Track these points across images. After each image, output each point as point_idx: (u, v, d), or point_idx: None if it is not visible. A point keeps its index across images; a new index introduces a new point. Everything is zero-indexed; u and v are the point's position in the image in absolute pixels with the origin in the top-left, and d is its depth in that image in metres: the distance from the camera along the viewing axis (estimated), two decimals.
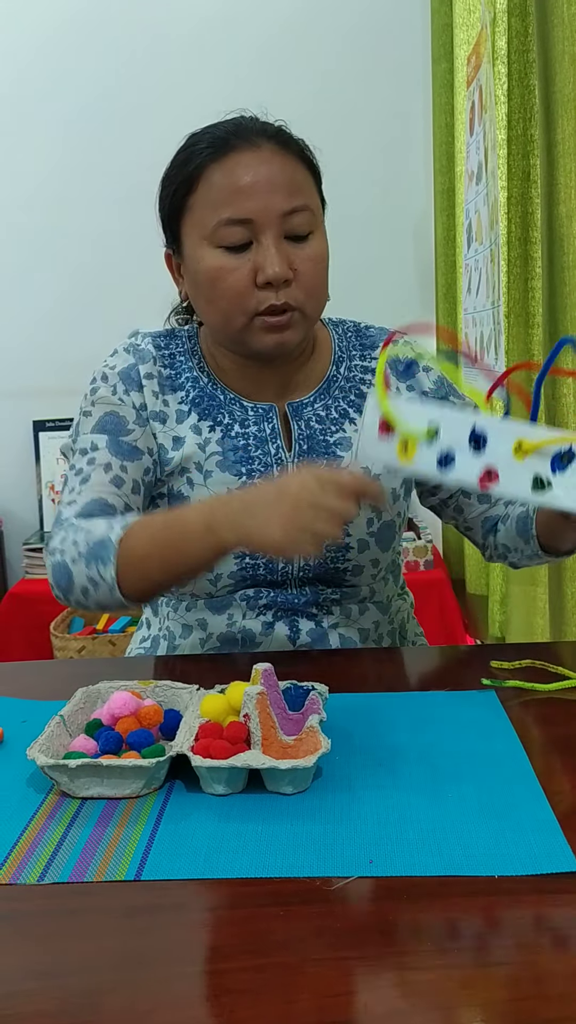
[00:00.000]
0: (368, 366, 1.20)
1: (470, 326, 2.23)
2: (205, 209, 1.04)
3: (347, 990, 0.54)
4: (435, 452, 0.84)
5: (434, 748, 0.83)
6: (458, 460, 0.84)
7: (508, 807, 0.72)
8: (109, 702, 0.86)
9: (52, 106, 2.67)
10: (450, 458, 0.84)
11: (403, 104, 2.72)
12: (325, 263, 1.08)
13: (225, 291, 1.04)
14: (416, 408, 0.86)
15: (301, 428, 1.14)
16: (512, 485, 0.82)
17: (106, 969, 0.56)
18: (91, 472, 1.10)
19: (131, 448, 1.12)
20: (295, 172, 1.06)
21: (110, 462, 1.10)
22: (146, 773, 0.76)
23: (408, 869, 0.65)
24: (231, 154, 1.04)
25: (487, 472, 0.83)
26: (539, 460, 0.81)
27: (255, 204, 1.02)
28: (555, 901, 0.61)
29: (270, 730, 0.79)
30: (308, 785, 0.77)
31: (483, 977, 0.54)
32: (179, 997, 0.54)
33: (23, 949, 0.59)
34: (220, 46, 2.64)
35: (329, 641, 1.14)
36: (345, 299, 2.67)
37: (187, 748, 0.78)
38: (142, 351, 1.15)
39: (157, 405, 1.13)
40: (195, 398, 1.14)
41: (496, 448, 0.83)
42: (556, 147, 1.53)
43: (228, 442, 1.13)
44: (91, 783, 0.77)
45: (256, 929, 0.59)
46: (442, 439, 0.84)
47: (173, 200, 1.08)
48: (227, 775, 0.76)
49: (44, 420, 2.75)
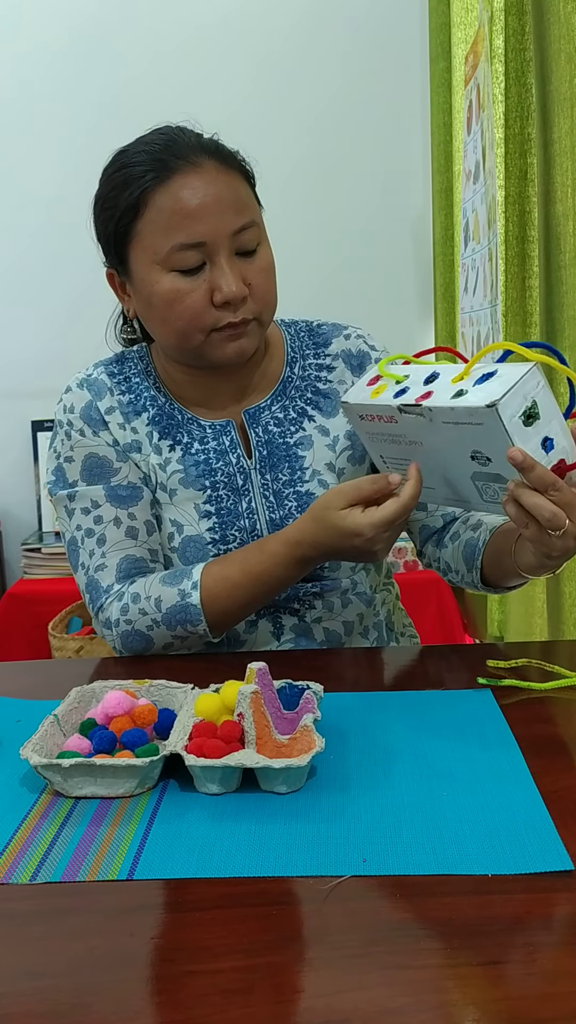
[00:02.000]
0: (322, 363, 1.21)
1: (468, 325, 2.23)
2: (155, 235, 1.04)
3: (340, 989, 0.53)
4: (394, 389, 0.95)
5: (429, 747, 0.83)
6: (409, 391, 0.93)
7: (503, 806, 0.72)
8: (103, 702, 0.86)
9: (58, 111, 2.67)
10: (403, 391, 0.94)
11: (401, 103, 2.72)
12: (273, 271, 1.10)
13: (183, 312, 1.04)
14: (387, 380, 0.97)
15: (259, 435, 1.16)
16: (439, 400, 0.88)
17: (98, 969, 0.56)
18: (104, 532, 1.12)
19: (128, 490, 1.13)
20: (239, 188, 1.06)
21: (117, 516, 1.13)
22: (140, 772, 0.76)
23: (402, 868, 0.64)
24: (175, 176, 1.03)
25: (425, 395, 0.90)
26: (468, 381, 0.88)
27: (206, 227, 1.02)
28: (549, 900, 0.61)
29: (264, 729, 0.79)
30: (302, 784, 0.76)
31: (477, 976, 0.54)
32: (171, 997, 0.53)
33: (15, 949, 0.59)
34: (219, 51, 2.64)
35: (314, 635, 1.15)
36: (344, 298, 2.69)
37: (181, 747, 0.77)
38: (96, 384, 1.16)
39: (127, 436, 1.15)
40: (155, 417, 1.16)
41: (442, 380, 0.91)
42: (553, 146, 1.53)
43: (189, 459, 1.14)
44: (84, 782, 0.76)
45: (249, 928, 0.59)
46: (406, 383, 0.95)
47: (118, 225, 1.07)
48: (221, 774, 0.75)
49: (43, 420, 2.75)
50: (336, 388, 1.19)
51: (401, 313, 2.78)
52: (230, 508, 1.13)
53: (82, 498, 1.13)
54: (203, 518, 1.13)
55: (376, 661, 1.09)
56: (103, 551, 1.12)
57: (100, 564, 1.12)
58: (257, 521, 1.14)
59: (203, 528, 1.13)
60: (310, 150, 2.65)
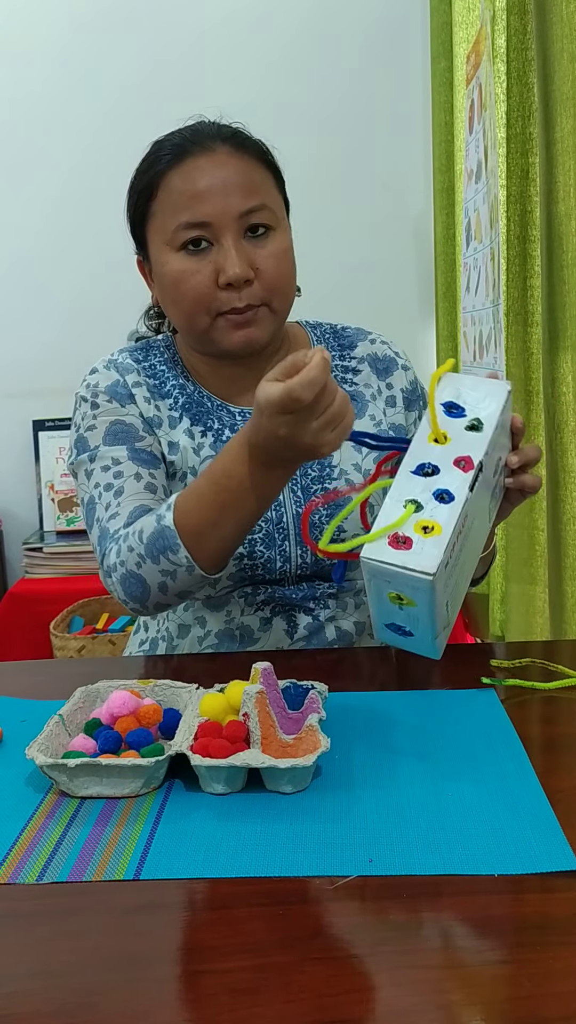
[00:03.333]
0: (347, 366, 1.21)
1: (469, 325, 2.23)
2: (166, 215, 1.06)
3: (347, 989, 0.53)
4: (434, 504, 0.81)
5: (433, 747, 0.83)
6: (443, 484, 0.81)
7: (508, 806, 0.72)
8: (108, 701, 0.86)
9: (61, 112, 2.67)
10: (442, 493, 0.81)
11: (402, 102, 2.72)
12: (288, 259, 1.09)
13: (187, 293, 1.05)
14: (380, 520, 0.81)
15: None
16: (467, 447, 0.84)
17: (104, 969, 0.56)
18: (123, 484, 1.08)
19: (150, 456, 1.12)
20: (251, 172, 1.07)
21: (138, 472, 1.10)
22: (145, 772, 0.76)
23: (408, 868, 0.64)
24: (188, 159, 1.06)
25: (457, 463, 0.83)
26: (454, 428, 0.85)
27: (212, 207, 1.03)
28: (555, 900, 0.61)
29: (269, 729, 0.79)
30: (307, 784, 0.76)
31: (483, 976, 0.54)
32: (177, 997, 0.54)
33: (22, 949, 0.59)
34: (222, 50, 2.64)
35: (325, 634, 1.15)
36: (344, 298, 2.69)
37: (186, 747, 0.77)
38: (122, 365, 1.15)
39: (151, 411, 1.14)
40: (184, 403, 1.15)
41: (432, 455, 0.83)
42: (555, 145, 1.53)
43: (220, 445, 1.13)
44: (90, 782, 0.76)
45: (255, 928, 0.59)
46: (420, 498, 0.81)
47: (137, 207, 1.10)
48: (226, 774, 0.76)
49: (44, 420, 2.75)
50: (362, 391, 1.20)
51: (402, 312, 2.78)
52: None
53: (103, 458, 1.10)
54: None
55: (380, 661, 1.09)
56: (119, 501, 1.07)
57: (114, 513, 1.06)
58: (284, 513, 1.13)
59: None
60: (311, 149, 2.65)
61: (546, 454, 1.73)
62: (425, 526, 0.79)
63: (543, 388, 1.71)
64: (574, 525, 1.63)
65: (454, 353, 2.59)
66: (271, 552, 1.13)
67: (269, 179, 1.10)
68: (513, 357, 1.94)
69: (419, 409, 1.22)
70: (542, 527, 1.91)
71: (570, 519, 1.64)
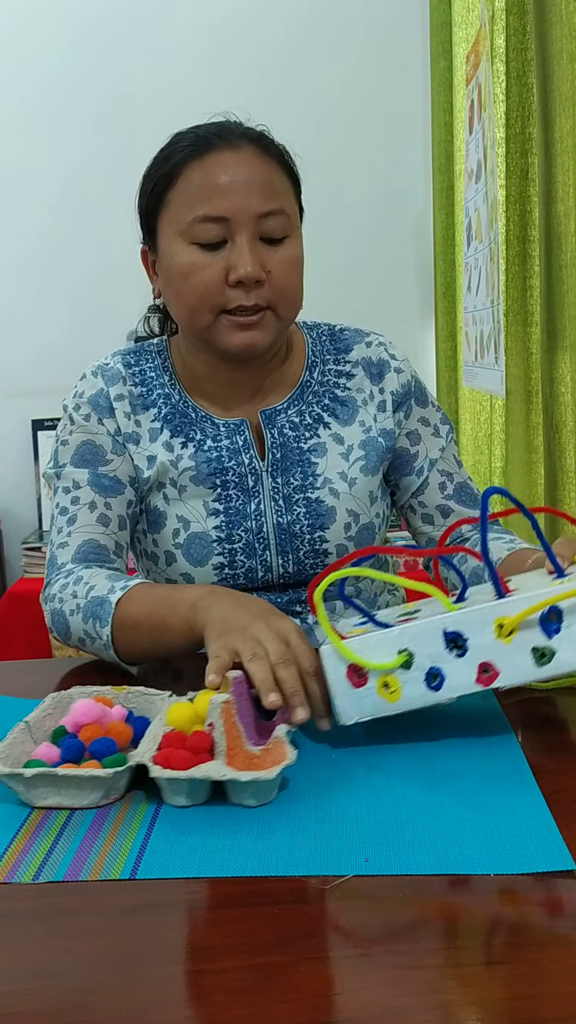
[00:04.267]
0: (341, 370, 1.19)
1: (470, 325, 2.23)
2: (182, 205, 1.05)
3: (343, 989, 0.53)
4: (420, 676, 0.78)
5: (430, 746, 0.82)
6: (447, 672, 0.77)
7: (505, 805, 0.72)
8: (72, 710, 0.83)
9: (61, 113, 2.68)
10: (437, 674, 0.78)
11: (402, 102, 2.72)
12: (299, 267, 1.09)
13: (195, 286, 1.04)
14: (378, 637, 0.79)
15: (274, 436, 1.15)
16: (515, 671, 0.75)
17: (101, 968, 0.56)
18: (77, 512, 1.12)
19: (112, 481, 1.13)
20: (273, 176, 1.06)
21: (94, 500, 1.12)
22: (104, 784, 0.73)
23: (404, 868, 0.64)
24: (211, 153, 1.04)
25: (482, 668, 0.76)
26: (529, 632, 0.75)
27: (231, 203, 1.03)
28: (551, 900, 0.61)
29: (235, 740, 0.76)
30: (273, 797, 0.74)
31: (479, 976, 0.54)
32: (174, 996, 0.54)
33: (18, 948, 0.59)
34: (221, 50, 2.64)
35: (316, 636, 1.15)
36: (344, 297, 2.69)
37: (149, 758, 0.74)
38: (111, 372, 1.16)
39: (130, 427, 1.14)
40: (167, 415, 1.15)
41: (478, 640, 0.76)
42: (554, 145, 1.53)
43: (201, 455, 1.13)
44: (48, 792, 0.74)
45: (251, 928, 0.59)
46: (419, 659, 0.78)
47: (152, 195, 1.09)
48: (187, 787, 0.73)
49: (43, 419, 2.75)
50: (354, 396, 1.18)
51: (402, 312, 2.78)
52: (238, 508, 1.13)
53: (66, 478, 1.14)
54: (211, 516, 1.13)
55: None
56: (70, 530, 1.12)
57: (63, 542, 1.12)
58: (264, 523, 1.13)
59: (210, 526, 1.13)
60: (311, 149, 2.64)
61: (545, 454, 1.73)
62: (387, 683, 0.79)
63: (542, 388, 1.71)
64: (573, 525, 1.63)
65: (453, 353, 2.59)
66: (252, 562, 1.13)
67: (288, 186, 1.10)
68: (512, 357, 1.94)
69: (407, 408, 1.20)
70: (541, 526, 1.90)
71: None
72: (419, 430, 1.20)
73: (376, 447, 1.17)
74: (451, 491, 1.20)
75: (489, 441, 2.26)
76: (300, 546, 1.13)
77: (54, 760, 0.78)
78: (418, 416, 1.20)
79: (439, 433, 1.21)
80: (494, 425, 2.17)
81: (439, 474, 1.20)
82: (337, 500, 1.14)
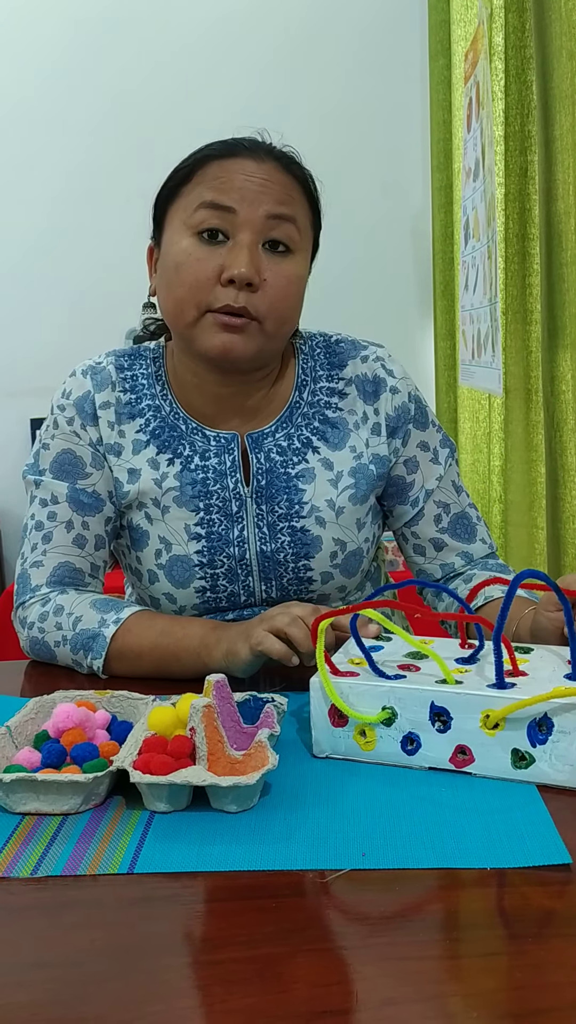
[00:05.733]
0: (334, 388, 1.14)
1: (468, 323, 2.23)
2: (192, 195, 1.03)
3: (339, 980, 0.54)
4: (397, 736, 0.78)
5: None
6: (425, 742, 0.77)
7: (501, 799, 0.72)
8: (54, 715, 0.83)
9: (61, 112, 2.68)
10: (415, 740, 0.78)
11: (400, 100, 2.72)
12: (298, 286, 1.06)
13: (186, 278, 1.01)
14: (366, 686, 0.79)
15: (260, 461, 1.11)
16: (490, 765, 0.75)
17: (99, 960, 0.57)
18: (53, 530, 1.12)
19: (91, 498, 1.12)
20: (291, 190, 1.05)
21: (71, 519, 1.12)
22: (84, 789, 0.73)
23: (401, 862, 0.65)
24: (235, 158, 1.03)
25: (459, 750, 0.76)
26: (515, 732, 0.74)
27: (240, 196, 1.01)
28: (547, 893, 0.61)
29: (217, 745, 0.76)
30: (254, 803, 0.73)
31: (475, 967, 0.55)
32: (172, 988, 0.54)
33: (17, 941, 0.59)
34: (220, 50, 2.65)
35: None
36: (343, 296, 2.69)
37: (129, 763, 0.74)
38: (101, 374, 1.13)
39: (112, 437, 1.12)
40: (155, 428, 1.12)
41: (462, 723, 0.76)
42: (554, 143, 1.53)
43: (187, 475, 1.10)
44: (27, 798, 0.73)
45: (249, 921, 0.59)
46: (401, 720, 0.78)
47: (166, 188, 1.08)
48: (168, 792, 0.72)
49: (42, 418, 2.75)
50: (345, 418, 1.13)
51: (400, 310, 2.79)
52: (221, 534, 1.10)
53: (45, 488, 1.13)
54: (192, 540, 1.10)
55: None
56: (45, 549, 1.12)
57: (38, 561, 1.12)
58: (247, 551, 1.10)
59: (191, 550, 1.10)
60: (309, 148, 2.65)
61: (545, 453, 1.73)
62: (364, 731, 0.79)
63: (542, 386, 1.71)
64: (573, 523, 1.63)
65: (452, 351, 2.59)
66: (234, 587, 1.11)
67: (306, 208, 1.08)
68: (512, 355, 1.94)
69: (404, 434, 1.14)
70: (541, 525, 1.91)
71: (569, 517, 1.64)
72: (417, 457, 1.15)
73: (367, 475, 1.12)
74: (446, 524, 1.16)
75: (488, 439, 2.26)
76: (284, 573, 1.11)
77: (35, 765, 0.78)
78: (417, 441, 1.15)
79: (438, 459, 1.16)
80: (493, 423, 2.17)
81: (435, 505, 1.15)
82: (323, 529, 1.11)
